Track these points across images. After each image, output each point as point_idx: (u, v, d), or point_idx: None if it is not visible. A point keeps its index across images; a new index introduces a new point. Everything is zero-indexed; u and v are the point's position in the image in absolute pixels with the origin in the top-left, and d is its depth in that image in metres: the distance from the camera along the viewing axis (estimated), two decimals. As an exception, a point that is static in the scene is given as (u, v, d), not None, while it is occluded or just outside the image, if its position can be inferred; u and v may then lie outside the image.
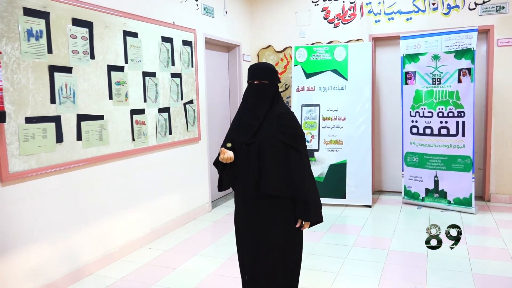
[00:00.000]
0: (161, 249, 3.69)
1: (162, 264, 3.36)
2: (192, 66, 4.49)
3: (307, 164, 2.13)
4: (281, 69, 5.82)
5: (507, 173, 4.88)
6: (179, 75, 4.27)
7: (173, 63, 4.17)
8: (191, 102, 4.49)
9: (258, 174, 2.04)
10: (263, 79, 2.13)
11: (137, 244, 3.70)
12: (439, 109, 4.62)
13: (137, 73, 3.67)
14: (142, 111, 3.74)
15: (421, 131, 4.76)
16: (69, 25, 2.99)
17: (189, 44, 4.44)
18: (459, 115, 4.51)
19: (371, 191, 4.94)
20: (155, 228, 3.97)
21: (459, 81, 4.48)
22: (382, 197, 5.35)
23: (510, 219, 4.29)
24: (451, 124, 4.56)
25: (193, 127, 4.53)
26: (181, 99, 4.31)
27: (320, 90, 5.11)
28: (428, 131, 4.71)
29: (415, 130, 4.82)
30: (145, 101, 3.78)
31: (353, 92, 4.99)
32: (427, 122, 4.71)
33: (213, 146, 5.00)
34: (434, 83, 4.64)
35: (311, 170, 2.17)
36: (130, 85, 3.59)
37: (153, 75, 3.89)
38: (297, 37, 5.69)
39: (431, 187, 4.74)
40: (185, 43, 4.37)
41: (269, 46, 5.87)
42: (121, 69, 3.49)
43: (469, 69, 4.43)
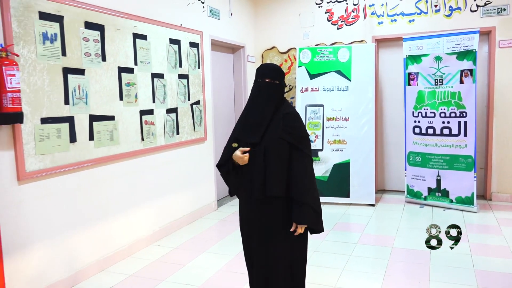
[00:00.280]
0: (169, 246, 3.77)
1: (171, 260, 3.45)
2: (198, 67, 4.58)
3: (310, 165, 2.10)
4: (285, 70, 5.90)
5: (508, 172, 4.96)
6: (186, 76, 4.36)
7: (181, 64, 4.26)
8: (198, 102, 4.57)
9: (264, 175, 2.03)
10: (274, 78, 2.13)
11: (146, 241, 3.79)
12: (442, 109, 4.70)
13: (146, 75, 3.76)
14: (151, 112, 3.83)
15: (424, 131, 4.84)
16: (81, 28, 3.08)
17: (196, 45, 4.53)
18: (461, 115, 4.59)
19: (374, 190, 5.02)
20: (163, 226, 4.05)
21: (461, 82, 4.56)
22: (385, 196, 5.43)
23: (511, 217, 4.37)
24: (453, 124, 4.64)
25: (200, 127, 4.62)
26: (188, 99, 4.40)
27: (324, 90, 5.19)
28: (430, 131, 4.79)
29: (417, 130, 4.89)
30: (154, 101, 3.87)
31: (356, 92, 5.07)
32: (429, 122, 4.79)
33: (219, 146, 5.09)
34: (436, 84, 4.71)
35: (313, 172, 2.12)
36: (139, 86, 3.68)
37: (162, 76, 3.97)
38: (301, 39, 5.77)
39: (434, 186, 4.81)
40: (192, 44, 4.46)
41: (273, 47, 5.95)
42: (131, 70, 3.58)
43: (471, 70, 4.51)
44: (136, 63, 3.63)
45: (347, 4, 5.48)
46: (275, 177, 2.03)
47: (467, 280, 2.95)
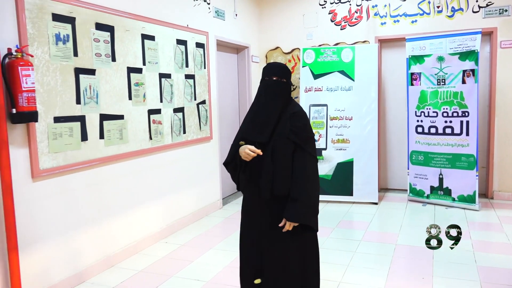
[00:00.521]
0: (177, 243, 3.84)
1: (179, 257, 3.52)
2: (204, 67, 4.65)
3: (311, 165, 2.08)
4: (289, 70, 5.96)
5: (510, 171, 5.02)
6: (193, 76, 4.43)
7: (187, 64, 4.33)
8: (204, 102, 4.64)
9: (272, 175, 2.03)
10: (281, 76, 2.12)
11: (154, 238, 3.86)
12: (444, 109, 4.76)
13: (154, 75, 3.83)
14: (158, 111, 3.90)
15: (426, 131, 4.90)
16: (92, 29, 3.15)
17: (202, 46, 4.60)
18: (463, 115, 4.66)
19: (377, 189, 5.08)
20: (170, 223, 4.12)
21: (463, 82, 4.63)
22: (388, 194, 5.49)
23: (512, 215, 4.44)
24: (456, 123, 4.70)
25: (206, 127, 4.69)
26: (194, 99, 4.47)
27: (327, 90, 5.26)
28: (433, 130, 4.86)
29: (420, 129, 4.96)
30: (161, 101, 3.94)
31: (359, 92, 5.14)
32: (432, 121, 4.85)
33: (224, 145, 5.15)
34: (439, 83, 4.78)
35: (316, 172, 2.11)
36: (147, 86, 3.75)
37: (169, 76, 4.04)
38: (304, 39, 5.83)
39: (436, 184, 4.88)
40: (198, 45, 4.52)
41: (277, 47, 6.02)
42: (140, 71, 3.65)
43: (473, 70, 4.57)
44: (144, 63, 3.70)
45: (350, 5, 5.54)
46: (283, 176, 2.03)
47: (470, 276, 3.02)
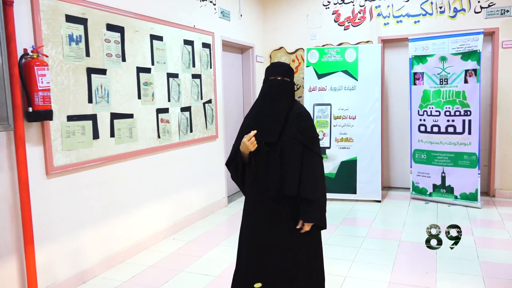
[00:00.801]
0: (184, 240, 3.92)
1: (187, 253, 3.59)
2: (210, 67, 4.72)
3: (320, 165, 2.10)
4: (292, 69, 6.04)
5: (511, 169, 5.09)
6: (199, 76, 4.50)
7: (194, 64, 4.40)
8: (210, 101, 4.72)
9: (281, 175, 2.02)
10: (285, 76, 2.11)
11: (162, 235, 3.93)
12: (446, 108, 4.83)
13: (162, 74, 3.91)
14: (166, 110, 3.97)
15: (429, 129, 4.98)
16: (104, 30, 3.23)
17: (208, 46, 4.67)
18: (466, 114, 4.72)
19: (381, 187, 5.15)
20: (177, 220, 4.20)
21: (466, 82, 4.70)
22: (391, 192, 5.57)
23: (514, 213, 4.51)
24: (458, 122, 4.77)
25: (212, 125, 4.76)
26: (201, 98, 4.54)
27: (331, 90, 5.33)
28: (435, 129, 4.93)
29: (423, 128, 5.03)
30: (169, 100, 4.01)
31: (363, 92, 5.21)
32: (434, 120, 4.93)
33: (229, 143, 5.21)
34: (441, 83, 4.85)
35: (323, 172, 2.13)
36: (156, 85, 3.82)
37: (176, 76, 4.12)
38: (308, 39, 5.91)
39: (439, 182, 4.95)
40: (204, 45, 4.60)
41: (281, 47, 6.09)
42: (148, 70, 3.72)
43: (475, 70, 4.64)
44: (153, 63, 3.78)
45: (353, 5, 5.61)
46: (293, 177, 2.03)
47: (473, 271, 3.09)
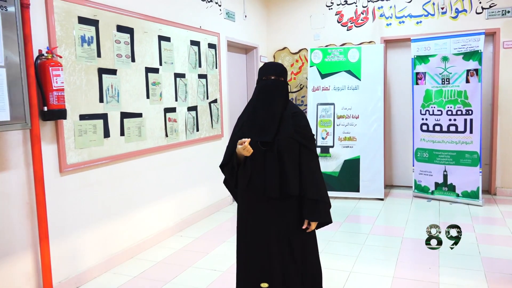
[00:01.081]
0: (191, 237, 4.00)
1: (195, 249, 3.67)
2: (216, 67, 4.80)
3: (318, 164, 2.13)
4: (296, 69, 6.13)
5: (512, 168, 5.17)
6: (205, 76, 4.58)
7: (200, 64, 4.49)
8: (215, 101, 4.79)
9: (279, 175, 2.02)
10: (279, 75, 2.11)
11: (169, 232, 4.01)
12: (448, 107, 4.91)
13: (169, 74, 3.99)
14: (173, 110, 4.05)
15: (431, 128, 5.05)
16: (114, 31, 3.31)
17: (214, 47, 4.75)
18: (467, 113, 4.80)
19: (383, 185, 5.23)
20: (184, 218, 4.28)
21: (467, 81, 4.77)
22: (393, 191, 5.64)
23: (515, 210, 4.58)
24: (460, 121, 4.85)
25: (217, 125, 4.84)
26: (207, 98, 4.62)
27: (334, 89, 5.41)
28: (437, 128, 5.00)
29: (425, 127, 5.11)
30: (176, 100, 4.09)
31: (366, 91, 5.28)
32: (436, 120, 5.00)
33: (234, 142, 5.30)
34: (443, 83, 4.93)
35: (320, 170, 2.16)
36: (163, 85, 3.90)
37: (183, 76, 4.20)
38: (311, 40, 5.98)
39: (440, 181, 5.03)
40: (210, 46, 4.68)
41: (285, 48, 6.17)
42: (157, 70, 3.81)
43: (476, 70, 4.71)
44: (161, 64, 3.86)
45: (356, 6, 5.69)
46: (293, 176, 2.04)
47: (474, 266, 3.17)
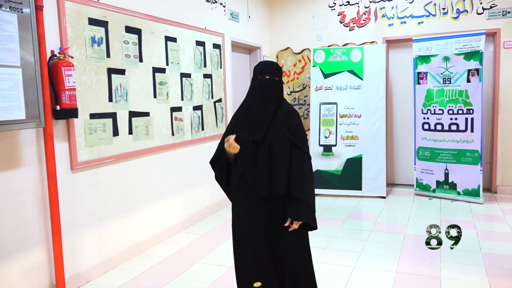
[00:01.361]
0: (197, 233, 4.07)
1: (201, 245, 3.75)
2: (220, 67, 4.88)
3: (308, 164, 2.11)
4: (299, 69, 6.20)
5: (513, 166, 5.24)
6: (210, 76, 4.66)
7: (205, 64, 4.56)
8: (220, 100, 4.87)
9: (269, 173, 2.02)
10: (273, 75, 2.11)
11: (176, 228, 4.09)
12: (449, 106, 4.98)
13: (176, 74, 4.06)
14: (180, 109, 4.13)
15: (433, 127, 5.12)
16: (123, 32, 3.38)
17: (218, 47, 4.83)
18: (468, 112, 4.87)
19: (385, 183, 5.30)
20: (190, 215, 4.35)
21: (468, 81, 4.84)
22: (395, 189, 5.71)
23: (515, 208, 4.66)
24: (461, 120, 4.92)
25: (221, 124, 4.92)
26: (212, 97, 4.70)
27: (337, 89, 5.48)
28: (439, 127, 5.07)
29: (426, 126, 5.18)
30: (182, 99, 4.17)
31: (368, 91, 5.36)
32: (438, 119, 5.07)
33: (238, 141, 5.38)
34: (444, 82, 5.00)
35: (312, 170, 2.14)
36: (170, 85, 3.98)
37: (189, 76, 4.27)
38: (314, 40, 6.05)
39: (442, 179, 5.10)
40: (215, 46, 4.76)
41: (288, 48, 6.24)
42: (163, 70, 3.88)
43: (477, 70, 4.78)
44: (167, 64, 3.94)
45: (358, 7, 5.76)
46: (282, 175, 2.04)
47: (475, 261, 3.24)
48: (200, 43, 4.46)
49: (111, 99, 3.27)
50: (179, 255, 3.54)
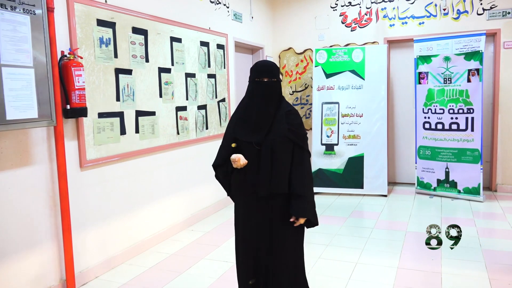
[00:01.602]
0: (202, 231, 4.14)
1: (206, 242, 3.82)
2: (224, 67, 4.95)
3: (309, 162, 2.16)
4: (301, 69, 6.26)
5: (513, 165, 5.31)
6: (214, 76, 4.73)
7: (209, 64, 4.63)
8: (223, 100, 4.94)
9: (271, 173, 2.05)
10: (271, 76, 2.11)
11: (181, 226, 4.16)
12: (450, 106, 5.04)
13: (181, 74, 4.13)
14: (184, 108, 4.20)
15: (433, 127, 5.19)
16: (129, 33, 3.45)
17: (222, 47, 4.90)
18: (468, 111, 4.94)
19: (387, 182, 5.36)
20: (194, 213, 4.42)
21: (469, 81, 4.91)
22: (396, 187, 5.78)
23: (515, 206, 4.72)
24: (461, 120, 4.98)
25: (225, 123, 4.98)
26: (216, 97, 4.77)
27: (339, 89, 5.55)
28: (439, 127, 5.14)
29: (427, 125, 5.24)
30: (187, 99, 4.24)
31: (369, 91, 5.42)
32: (438, 118, 5.14)
33: (241, 140, 5.44)
34: (445, 82, 5.06)
35: (311, 168, 2.18)
36: (175, 84, 4.05)
37: (193, 75, 4.34)
38: (316, 40, 6.12)
39: (442, 177, 5.16)
40: (219, 46, 4.82)
41: (290, 48, 6.31)
42: (169, 70, 3.95)
43: (477, 70, 4.85)
44: (172, 64, 4.00)
45: (360, 7, 5.82)
46: (283, 174, 2.07)
47: (475, 257, 3.31)
48: (204, 44, 4.53)
49: (118, 99, 3.34)
50: (185, 251, 3.61)
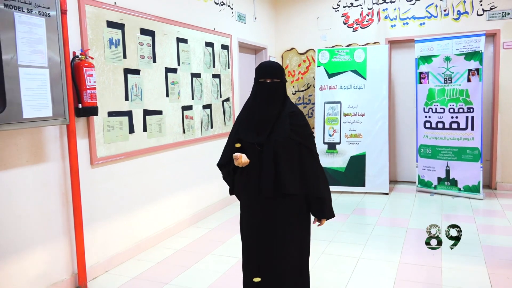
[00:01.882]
0: (207, 228, 4.23)
1: (212, 239, 3.91)
2: (228, 67, 5.03)
3: (319, 162, 2.16)
4: (303, 69, 6.35)
5: (512, 163, 5.39)
6: (218, 76, 4.82)
7: (214, 65, 4.72)
8: (228, 99, 5.03)
9: (275, 174, 2.04)
10: (275, 77, 2.11)
11: (186, 223, 4.25)
12: (450, 105, 5.13)
13: (187, 74, 4.22)
14: (190, 107, 4.28)
15: (434, 126, 5.27)
16: (138, 34, 3.54)
17: (226, 48, 4.98)
18: (469, 111, 5.02)
19: (388, 180, 5.45)
20: (199, 210, 4.51)
21: (469, 80, 4.99)
22: (397, 186, 5.87)
23: (514, 204, 4.80)
24: (461, 119, 5.07)
25: (229, 122, 5.07)
26: (220, 97, 4.85)
27: (341, 88, 5.63)
28: (440, 126, 5.22)
29: (428, 124, 5.33)
30: (193, 98, 4.33)
31: (371, 90, 5.51)
32: (439, 117, 5.22)
33: (245, 139, 5.53)
34: (445, 82, 5.15)
35: (322, 168, 2.20)
36: (181, 84, 4.13)
37: (199, 75, 4.43)
38: (318, 40, 6.20)
39: (443, 176, 5.25)
40: (223, 47, 4.91)
41: (293, 48, 6.40)
42: (175, 71, 4.04)
43: (477, 70, 4.93)
44: (179, 64, 4.09)
45: (362, 8, 5.91)
46: (289, 175, 2.06)
47: (475, 252, 3.39)
48: (209, 44, 4.61)
49: (127, 98, 3.43)
50: (191, 247, 3.70)
